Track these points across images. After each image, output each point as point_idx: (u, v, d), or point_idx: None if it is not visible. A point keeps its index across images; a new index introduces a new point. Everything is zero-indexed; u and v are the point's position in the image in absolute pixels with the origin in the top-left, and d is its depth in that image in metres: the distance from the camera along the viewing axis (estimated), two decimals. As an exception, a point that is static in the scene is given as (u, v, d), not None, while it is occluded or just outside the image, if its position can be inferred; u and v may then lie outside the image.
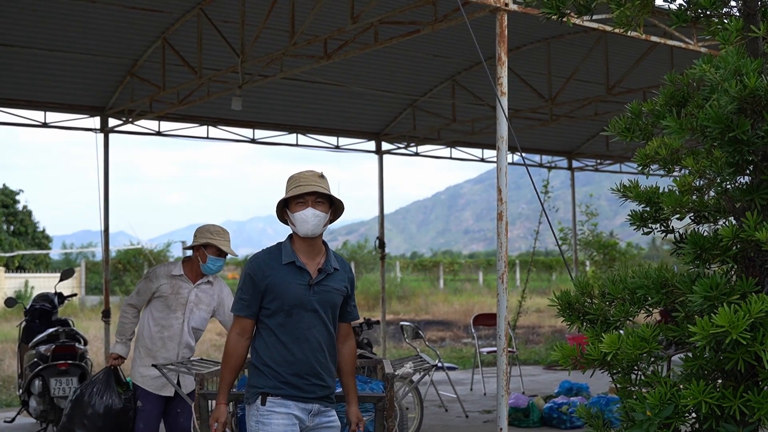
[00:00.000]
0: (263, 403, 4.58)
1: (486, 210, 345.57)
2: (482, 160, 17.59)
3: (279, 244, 4.83)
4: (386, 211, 16.66)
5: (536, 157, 18.21)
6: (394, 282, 38.13)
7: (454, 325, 24.70)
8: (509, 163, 6.97)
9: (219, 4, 10.77)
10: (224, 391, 4.72)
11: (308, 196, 4.65)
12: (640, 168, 4.40)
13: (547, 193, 18.73)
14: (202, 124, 14.20)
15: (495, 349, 14.98)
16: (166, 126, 14.07)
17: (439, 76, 14.23)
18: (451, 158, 17.04)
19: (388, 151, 16.35)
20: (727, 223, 4.03)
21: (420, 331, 11.55)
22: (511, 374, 14.06)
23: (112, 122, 13.37)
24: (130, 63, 12.25)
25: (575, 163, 18.83)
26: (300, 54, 10.34)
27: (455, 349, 19.00)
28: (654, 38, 8.50)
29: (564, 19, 4.39)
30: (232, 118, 14.15)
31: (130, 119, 13.16)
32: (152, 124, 13.86)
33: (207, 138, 14.37)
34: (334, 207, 4.78)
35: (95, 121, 13.23)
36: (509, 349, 14.28)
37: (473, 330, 14.10)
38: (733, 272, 3.87)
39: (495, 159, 18.18)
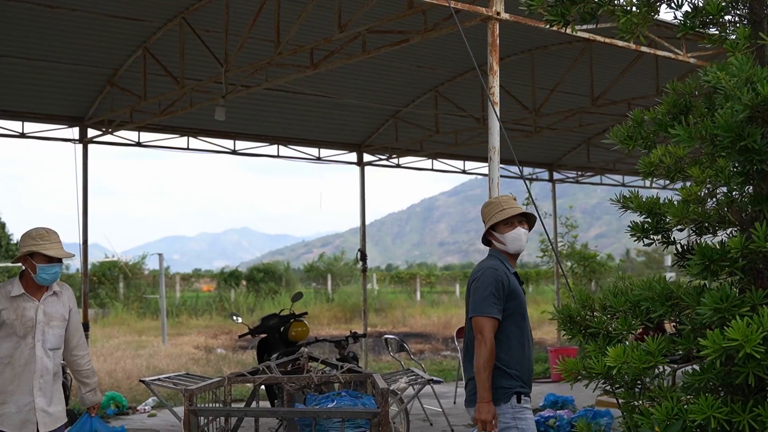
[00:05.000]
0: (518, 401, 5.05)
1: (461, 222, 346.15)
2: (464, 171, 17.53)
3: (493, 256, 5.33)
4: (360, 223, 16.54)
5: (517, 169, 18.14)
6: (372, 294, 37.98)
7: (432, 337, 24.58)
8: (484, 175, 6.88)
9: (202, 13, 10.64)
10: (490, 390, 4.99)
11: (516, 217, 5.24)
12: (643, 176, 4.29)
13: (528, 205, 18.64)
14: (182, 135, 14.04)
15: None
16: (145, 137, 13.89)
17: (421, 87, 14.16)
18: (432, 170, 16.97)
19: (370, 163, 16.24)
20: (728, 234, 3.96)
21: (405, 344, 11.43)
22: (495, 387, 14.00)
23: (91, 133, 13.18)
24: (110, 72, 12.09)
25: (556, 175, 18.80)
26: (285, 63, 10.22)
27: (435, 362, 18.87)
28: (644, 49, 8.46)
29: (568, 28, 4.31)
30: (213, 129, 14.01)
31: (110, 130, 12.98)
32: (132, 135, 13.68)
33: (187, 149, 14.20)
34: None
35: (74, 132, 13.05)
36: (493, 361, 14.31)
37: (456, 342, 13.98)
38: (740, 284, 3.78)
39: (477, 171, 18.20)
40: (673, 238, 4.27)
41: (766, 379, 3.43)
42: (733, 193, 3.85)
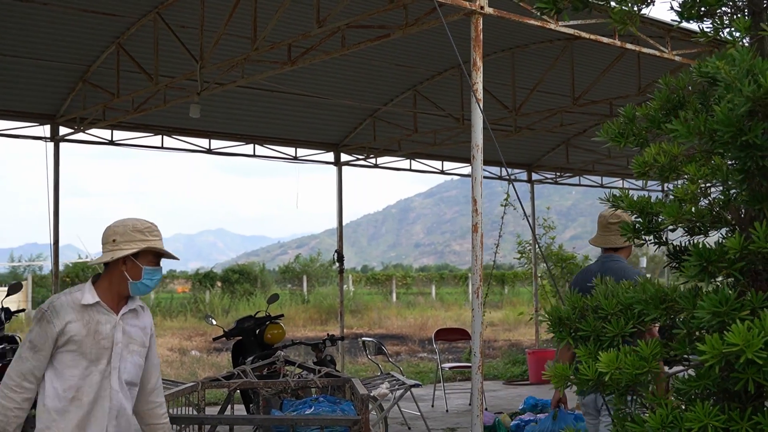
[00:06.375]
0: None
1: (436, 224, 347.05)
2: (442, 172, 17.37)
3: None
4: (336, 224, 16.35)
5: (496, 169, 18.02)
6: (347, 296, 37.80)
7: (409, 339, 24.44)
8: (463, 176, 6.72)
9: (177, 8, 10.41)
10: None
11: None
12: (637, 176, 4.14)
13: (507, 206, 18.52)
14: (156, 134, 13.77)
15: (457, 364, 14.79)
16: (119, 135, 13.61)
17: (400, 85, 13.98)
18: (410, 170, 16.80)
19: (347, 163, 16.05)
20: (722, 234, 3.83)
21: (383, 347, 11.25)
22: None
23: (63, 131, 12.90)
24: (82, 69, 11.82)
25: (535, 176, 18.69)
26: (262, 60, 9.98)
27: (412, 364, 18.70)
28: (629, 45, 8.31)
29: (559, 15, 4.15)
30: (187, 128, 13.77)
31: (82, 128, 12.70)
32: (105, 133, 13.40)
33: (162, 148, 13.94)
34: None
35: (45, 130, 12.76)
36: (471, 364, 14.14)
37: (435, 344, 13.82)
38: (738, 287, 3.63)
39: (454, 171, 18.05)
40: (666, 238, 4.14)
41: (765, 386, 3.31)
42: (731, 191, 3.71)
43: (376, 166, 16.56)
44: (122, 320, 4.31)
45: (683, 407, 3.52)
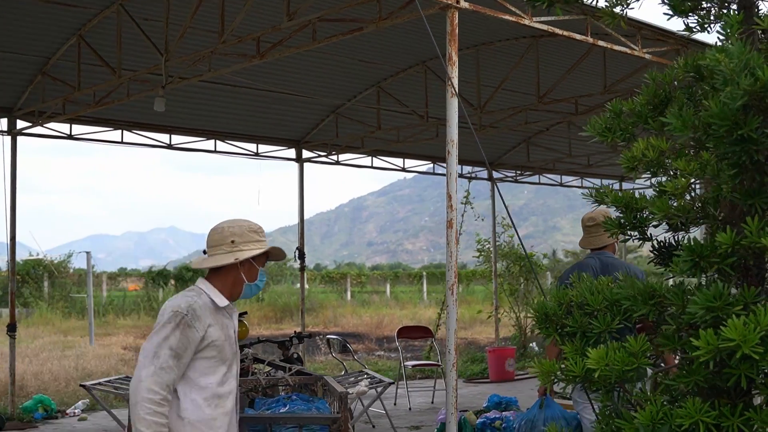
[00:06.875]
0: None
1: (389, 222, 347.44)
2: (403, 169, 17.33)
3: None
4: (289, 222, 16.42)
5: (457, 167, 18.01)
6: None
7: (365, 337, 24.37)
8: (423, 173, 6.67)
9: (141, 0, 10.19)
10: None
11: None
12: (626, 171, 4.12)
13: (468, 203, 18.54)
14: (116, 128, 13.52)
15: (421, 362, 14.76)
16: (78, 129, 13.32)
17: (364, 82, 13.89)
18: (372, 167, 16.73)
19: (309, 159, 15.93)
20: (706, 230, 3.83)
21: (347, 345, 11.17)
22: (436, 388, 13.82)
23: (21, 124, 12.60)
24: (42, 61, 11.57)
25: (495, 174, 18.72)
26: (230, 53, 9.82)
27: (371, 362, 18.60)
28: (601, 43, 8.31)
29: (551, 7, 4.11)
30: (148, 123, 13.55)
31: (40, 121, 12.43)
32: (63, 127, 13.12)
33: (122, 143, 13.70)
34: None
35: (2, 123, 12.48)
36: (434, 362, 14.12)
37: (397, 342, 13.78)
38: (728, 282, 3.62)
39: (416, 168, 18.00)
40: (651, 234, 4.13)
41: (755, 381, 3.31)
42: (722, 186, 3.69)
43: (337, 163, 16.46)
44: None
45: (667, 404, 3.50)
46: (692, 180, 3.73)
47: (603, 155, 18.13)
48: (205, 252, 4.19)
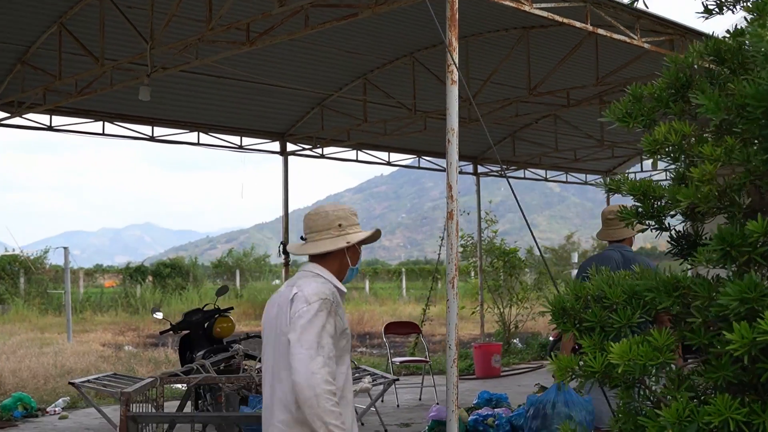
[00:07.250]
0: None
1: (366, 219, 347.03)
2: (389, 163, 17.12)
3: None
4: (266, 219, 16.16)
5: (442, 161, 17.82)
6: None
7: (347, 333, 24.15)
8: (404, 166, 6.46)
9: (125, -13, 9.92)
10: None
11: None
12: (647, 155, 3.93)
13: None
14: (97, 120, 13.21)
15: (408, 359, 14.57)
16: (58, 121, 12.99)
17: (350, 73, 13.65)
18: (357, 161, 16.49)
19: (294, 153, 15.67)
20: (726, 219, 3.67)
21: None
22: (423, 384, 13.62)
23: (-1, 115, 12.29)
24: (21, 49, 11.28)
25: (480, 168, 18.54)
26: (218, 40, 9.53)
27: (353, 359, 18.40)
28: (601, 31, 8.12)
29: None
30: (130, 114, 13.26)
31: (19, 112, 12.11)
32: (44, 119, 12.79)
33: (103, 134, 13.39)
34: None
35: (-21, 114, 12.15)
36: (422, 358, 13.92)
37: (384, 338, 13.57)
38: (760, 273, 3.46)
39: (401, 162, 17.77)
40: (669, 224, 3.96)
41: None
42: (752, 172, 3.52)
43: (323, 156, 16.22)
44: None
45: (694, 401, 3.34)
46: (719, 166, 3.56)
47: (590, 150, 17.97)
48: (302, 238, 3.98)
